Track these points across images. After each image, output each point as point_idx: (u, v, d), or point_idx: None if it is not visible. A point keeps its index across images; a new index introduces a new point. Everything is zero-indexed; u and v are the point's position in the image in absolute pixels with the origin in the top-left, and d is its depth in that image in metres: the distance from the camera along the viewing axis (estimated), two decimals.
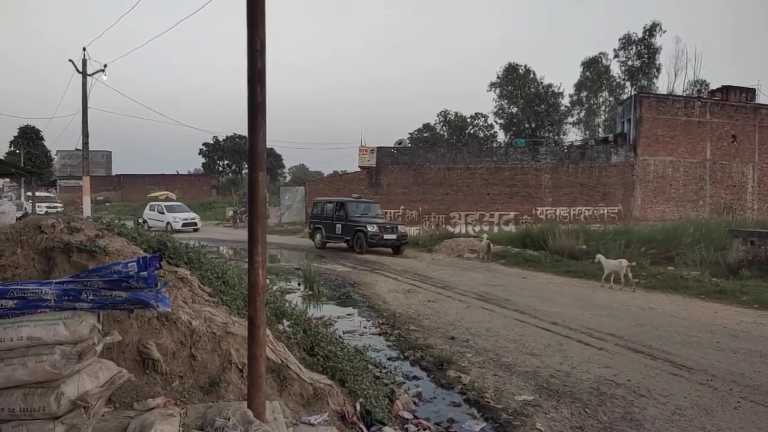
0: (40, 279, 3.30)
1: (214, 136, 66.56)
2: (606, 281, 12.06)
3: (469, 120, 58.46)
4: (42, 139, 55.54)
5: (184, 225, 29.21)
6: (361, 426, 4.19)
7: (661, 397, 5.33)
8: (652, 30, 49.11)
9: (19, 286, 2.55)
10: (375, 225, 19.00)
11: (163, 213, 30.46)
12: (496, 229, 26.78)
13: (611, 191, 28.42)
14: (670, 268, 13.75)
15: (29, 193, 40.63)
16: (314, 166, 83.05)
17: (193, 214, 31.75)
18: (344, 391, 4.54)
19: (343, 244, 20.22)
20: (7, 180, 47.23)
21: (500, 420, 4.92)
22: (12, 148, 54.42)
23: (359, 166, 29.46)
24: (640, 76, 50.90)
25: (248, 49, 2.95)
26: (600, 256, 12.59)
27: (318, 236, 21.24)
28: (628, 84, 52.28)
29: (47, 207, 33.85)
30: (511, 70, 51.94)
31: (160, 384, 3.49)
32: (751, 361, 6.45)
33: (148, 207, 32.74)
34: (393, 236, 18.93)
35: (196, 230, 29.47)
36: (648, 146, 28.17)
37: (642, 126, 27.99)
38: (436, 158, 29.04)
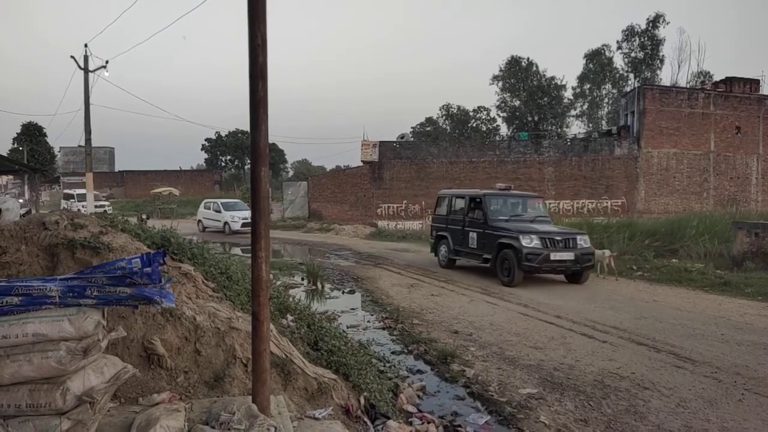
0: (45, 276, 3.31)
1: (216, 132, 66.61)
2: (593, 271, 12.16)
3: (471, 114, 58.26)
4: (45, 135, 55.65)
5: (243, 225, 25.18)
6: (366, 420, 4.21)
7: (665, 390, 5.33)
8: (655, 21, 48.76)
9: (23, 283, 2.56)
10: (535, 235, 11.02)
11: (219, 211, 26.69)
12: None
13: (615, 184, 28.34)
14: (674, 260, 13.72)
15: (68, 191, 40.06)
16: (317, 161, 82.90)
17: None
18: (348, 385, 4.56)
19: (483, 264, 12.45)
20: (11, 177, 47.40)
21: (504, 413, 4.93)
22: (15, 145, 54.54)
23: (362, 161, 29.44)
24: (644, 67, 50.60)
25: (249, 44, 2.94)
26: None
27: (443, 249, 14.01)
28: (631, 76, 52.00)
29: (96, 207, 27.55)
30: (514, 62, 51.71)
31: (165, 379, 3.50)
32: (755, 353, 6.45)
33: (202, 205, 29.12)
34: (568, 256, 11.04)
35: None
36: (652, 138, 28.05)
37: (645, 118, 27.87)
38: (439, 152, 29.00)
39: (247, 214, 26.08)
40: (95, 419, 2.66)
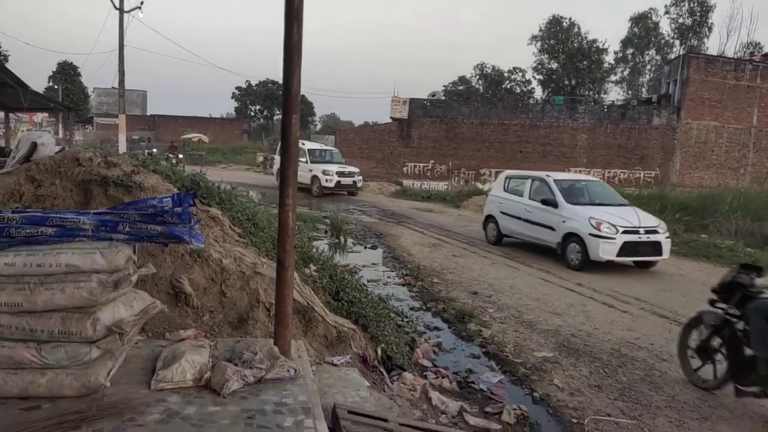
0: (78, 210, 3.39)
1: (247, 81, 66.36)
2: None
3: (506, 74, 56.80)
4: (79, 75, 56.28)
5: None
6: (382, 370, 4.30)
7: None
8: None
9: (58, 215, 2.63)
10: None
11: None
12: None
13: (649, 154, 27.55)
14: (703, 236, 13.43)
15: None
16: (345, 116, 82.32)
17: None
18: (366, 336, 4.65)
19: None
20: (46, 115, 48.27)
21: (518, 374, 4.99)
22: (50, 84, 55.30)
23: (390, 117, 29.09)
24: (691, 35, 48.40)
25: None
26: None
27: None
28: (677, 43, 49.87)
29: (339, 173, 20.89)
30: (555, 22, 49.89)
31: (191, 317, 3.61)
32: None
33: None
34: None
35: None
36: (692, 109, 27.02)
37: (688, 88, 26.78)
38: (470, 112, 28.46)
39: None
40: (123, 350, 2.78)
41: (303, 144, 21.53)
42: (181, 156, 29.94)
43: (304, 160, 20.31)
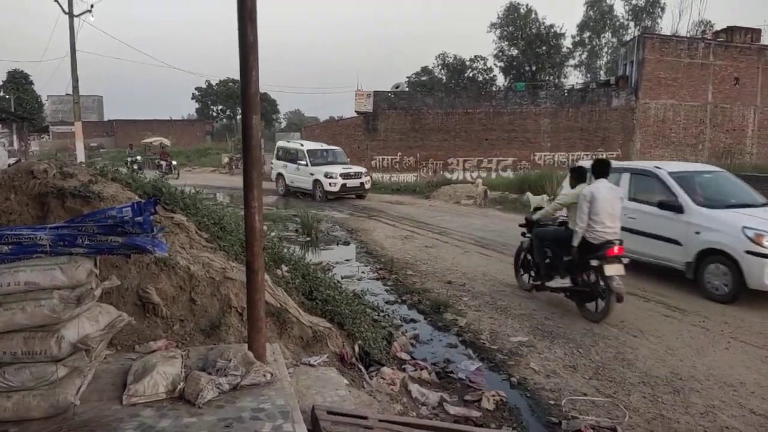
0: (35, 225, 3.27)
1: (206, 80, 64.99)
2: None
3: (468, 63, 56.98)
4: (31, 83, 54.29)
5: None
6: (360, 366, 4.29)
7: (654, 338, 5.45)
8: None
9: (13, 232, 2.53)
10: None
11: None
12: (494, 175, 26.66)
13: (611, 136, 28.14)
14: None
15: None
16: (310, 112, 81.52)
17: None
18: (343, 333, 4.63)
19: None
20: None
21: (495, 360, 5.05)
22: (1, 94, 53.29)
23: (355, 111, 28.98)
24: (644, 16, 49.46)
25: None
26: (528, 194, 15.18)
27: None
28: (631, 24, 50.87)
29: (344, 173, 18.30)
30: (512, 9, 50.23)
31: (161, 327, 3.53)
32: (740, 304, 6.55)
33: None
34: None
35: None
36: (650, 89, 27.68)
37: (644, 68, 27.41)
38: (434, 103, 28.56)
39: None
40: (92, 366, 2.69)
41: (302, 145, 20.03)
42: (175, 163, 27.63)
43: (303, 162, 18.72)
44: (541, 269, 6.64)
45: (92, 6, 21.10)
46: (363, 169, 19.66)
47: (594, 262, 5.89)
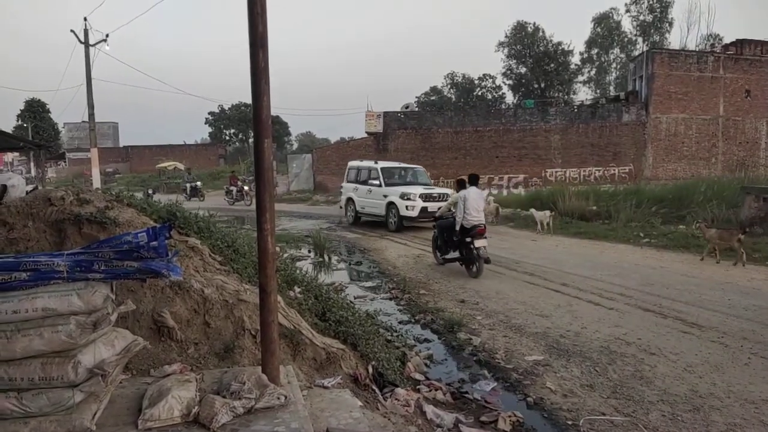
0: (52, 251, 3.33)
1: (219, 105, 65.97)
2: (540, 228, 14.88)
3: (476, 82, 57.37)
4: (48, 111, 55.38)
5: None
6: (374, 388, 4.26)
7: (672, 355, 5.36)
8: None
9: (31, 259, 2.57)
10: None
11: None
12: (505, 192, 26.64)
13: (622, 151, 28.05)
14: (681, 227, 13.66)
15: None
16: (321, 134, 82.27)
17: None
18: (356, 354, 4.61)
19: None
20: (16, 154, 47.42)
21: (511, 380, 4.99)
22: (19, 122, 54.43)
23: (366, 132, 29.22)
24: (652, 31, 49.58)
25: (249, 13, 2.88)
26: (532, 210, 15.80)
27: None
28: (639, 40, 51.03)
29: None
30: (520, 28, 50.63)
31: (175, 351, 3.55)
32: (761, 318, 6.45)
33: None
34: None
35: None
36: (660, 103, 27.64)
37: (654, 83, 27.41)
38: (444, 122, 28.71)
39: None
40: (107, 391, 2.71)
41: (376, 163, 17.35)
42: (247, 188, 24.52)
43: (376, 182, 15.95)
44: (442, 247, 10.09)
45: (107, 35, 21.61)
46: (448, 191, 15.45)
47: (468, 239, 9.01)
